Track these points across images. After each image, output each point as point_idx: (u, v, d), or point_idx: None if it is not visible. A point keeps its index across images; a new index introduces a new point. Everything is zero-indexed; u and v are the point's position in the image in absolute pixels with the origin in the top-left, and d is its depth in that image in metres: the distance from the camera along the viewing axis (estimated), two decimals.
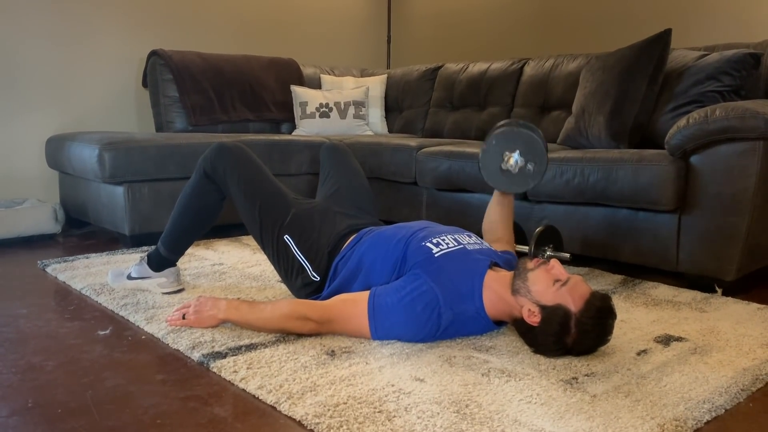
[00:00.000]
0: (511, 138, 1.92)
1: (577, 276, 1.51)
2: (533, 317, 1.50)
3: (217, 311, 1.68)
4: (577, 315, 1.45)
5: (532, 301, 1.50)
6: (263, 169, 1.95)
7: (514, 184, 1.95)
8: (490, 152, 1.95)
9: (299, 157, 3.23)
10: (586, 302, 1.45)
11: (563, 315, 1.45)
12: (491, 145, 1.94)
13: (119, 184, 2.74)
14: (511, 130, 1.91)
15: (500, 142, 1.93)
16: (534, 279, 1.52)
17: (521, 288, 1.53)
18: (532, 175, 1.92)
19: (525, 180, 1.93)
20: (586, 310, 1.44)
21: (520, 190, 1.97)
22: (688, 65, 2.49)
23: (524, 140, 1.91)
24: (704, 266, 2.12)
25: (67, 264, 2.44)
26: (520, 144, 1.91)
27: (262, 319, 1.63)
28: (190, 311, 1.70)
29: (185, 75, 3.50)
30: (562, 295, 1.46)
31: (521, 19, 4.00)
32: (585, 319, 1.44)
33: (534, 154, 1.91)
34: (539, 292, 1.50)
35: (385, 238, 1.72)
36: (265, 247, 1.88)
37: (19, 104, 3.30)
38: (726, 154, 2.04)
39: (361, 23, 4.72)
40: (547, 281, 1.50)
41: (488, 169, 1.96)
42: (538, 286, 1.50)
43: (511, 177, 1.94)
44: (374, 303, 1.56)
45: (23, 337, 1.70)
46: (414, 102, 3.92)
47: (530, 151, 1.91)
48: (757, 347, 1.60)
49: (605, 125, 2.52)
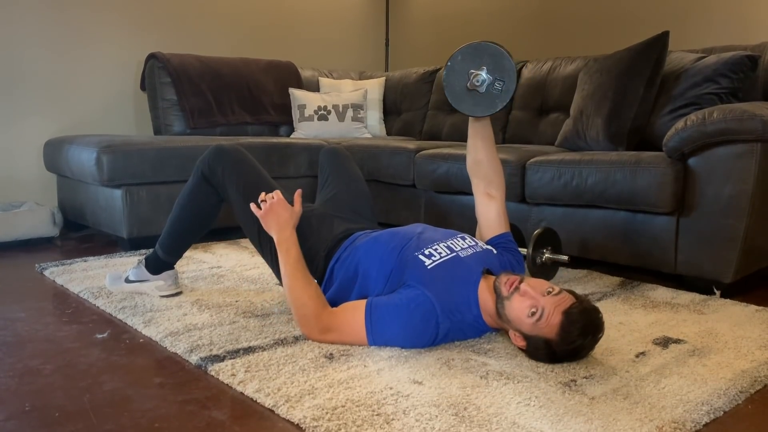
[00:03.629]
0: (477, 53, 1.74)
1: (551, 298, 1.46)
2: (519, 341, 1.52)
3: (279, 231, 1.69)
4: (557, 340, 1.45)
5: (514, 328, 1.52)
6: (261, 171, 1.95)
7: (480, 106, 1.76)
8: (455, 69, 1.76)
9: (297, 160, 3.23)
10: (561, 329, 1.43)
11: (544, 343, 1.47)
12: (456, 61, 1.76)
13: (117, 187, 2.74)
14: (478, 45, 1.74)
15: (466, 58, 1.75)
16: (510, 308, 1.50)
17: (502, 314, 1.53)
18: (500, 95, 1.73)
19: (492, 101, 1.74)
20: (563, 338, 1.44)
21: (487, 112, 1.77)
22: (685, 67, 2.49)
23: (491, 55, 1.73)
24: (702, 268, 2.12)
25: (65, 267, 2.44)
26: (486, 59, 1.73)
27: (290, 280, 1.63)
28: (269, 205, 1.71)
29: (183, 78, 3.50)
30: (539, 328, 1.46)
31: (519, 21, 4.00)
32: (565, 345, 1.45)
33: (502, 71, 1.72)
34: (517, 321, 1.49)
35: (379, 245, 1.72)
36: (263, 250, 1.88)
37: (18, 107, 3.30)
38: (724, 156, 2.04)
39: (360, 26, 4.72)
40: (522, 312, 1.47)
41: (452, 89, 1.77)
42: (515, 314, 1.49)
43: (478, 98, 1.75)
44: (371, 315, 1.56)
45: (21, 340, 1.70)
46: (412, 105, 3.93)
47: (498, 68, 1.73)
48: (755, 349, 1.60)
49: (603, 127, 2.52)
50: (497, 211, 1.85)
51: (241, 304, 1.97)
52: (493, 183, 1.87)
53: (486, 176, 1.87)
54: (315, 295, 1.62)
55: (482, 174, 1.88)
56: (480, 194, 1.88)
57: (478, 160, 1.88)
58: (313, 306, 1.60)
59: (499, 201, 1.87)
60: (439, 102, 3.78)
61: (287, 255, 1.67)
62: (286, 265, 1.66)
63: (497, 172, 1.88)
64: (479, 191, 1.89)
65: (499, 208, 1.86)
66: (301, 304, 1.61)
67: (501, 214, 1.86)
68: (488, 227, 1.86)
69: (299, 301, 1.61)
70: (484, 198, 1.87)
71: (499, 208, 1.86)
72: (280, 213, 1.71)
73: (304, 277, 1.64)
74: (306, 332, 1.62)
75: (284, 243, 1.68)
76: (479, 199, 1.89)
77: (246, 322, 1.78)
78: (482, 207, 1.88)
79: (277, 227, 1.70)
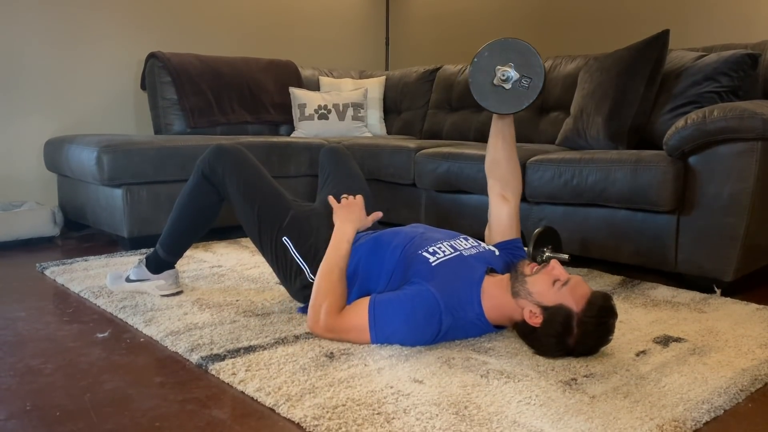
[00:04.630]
0: (505, 49, 1.72)
1: (577, 276, 1.51)
2: (535, 318, 1.50)
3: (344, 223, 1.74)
4: (579, 315, 1.44)
5: (533, 302, 1.50)
6: (261, 171, 1.95)
7: (505, 103, 1.74)
8: (481, 65, 1.74)
9: (298, 159, 3.23)
10: (587, 302, 1.45)
11: (565, 315, 1.45)
12: (483, 57, 1.73)
13: (118, 186, 2.74)
14: (505, 41, 1.72)
15: (493, 54, 1.72)
16: (533, 281, 1.52)
17: (521, 291, 1.52)
18: (527, 92, 1.70)
19: (518, 99, 1.71)
20: (588, 309, 1.44)
21: (512, 110, 1.75)
22: (686, 66, 2.49)
23: (519, 52, 1.71)
24: (703, 267, 2.12)
25: (65, 267, 2.44)
26: (514, 56, 1.71)
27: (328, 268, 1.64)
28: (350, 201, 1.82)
29: (184, 77, 3.50)
30: (563, 295, 1.46)
31: (519, 20, 4.00)
32: (587, 319, 1.44)
33: (530, 69, 1.70)
34: (540, 293, 1.49)
35: (381, 244, 1.72)
36: (264, 249, 1.88)
37: (18, 107, 3.30)
38: (724, 154, 2.04)
39: (360, 25, 4.72)
40: (547, 282, 1.49)
41: (478, 85, 1.75)
42: (538, 287, 1.50)
43: (504, 95, 1.72)
44: (375, 311, 1.56)
45: (21, 339, 1.70)
46: (413, 103, 3.93)
47: (525, 65, 1.70)
48: (756, 347, 1.60)
49: (603, 126, 2.52)
50: (510, 215, 1.83)
51: (242, 303, 1.97)
52: (510, 185, 1.84)
53: (503, 177, 1.84)
54: (339, 294, 1.62)
55: (499, 175, 1.85)
56: (494, 195, 1.85)
57: (496, 160, 1.86)
58: (331, 303, 1.60)
59: (513, 205, 1.83)
60: (440, 101, 3.78)
61: (339, 246, 1.68)
62: (331, 256, 1.67)
63: (515, 174, 1.85)
64: (494, 192, 1.85)
65: (512, 212, 1.83)
66: (323, 295, 1.61)
67: (513, 219, 1.83)
68: (499, 230, 1.83)
69: (324, 293, 1.61)
70: (498, 200, 1.85)
71: (512, 212, 1.83)
72: (354, 210, 1.77)
73: (340, 274, 1.64)
74: (311, 324, 1.62)
75: (342, 235, 1.70)
76: (493, 201, 1.86)
77: (246, 322, 1.78)
78: (495, 209, 1.85)
79: (345, 219, 1.74)
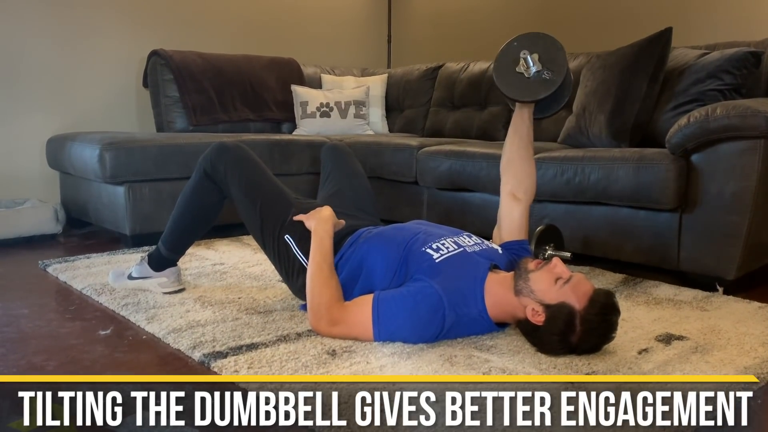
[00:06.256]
0: (533, 41, 1.77)
1: (579, 274, 1.51)
2: (537, 316, 1.49)
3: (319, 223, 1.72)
4: (582, 312, 1.44)
5: (536, 300, 1.50)
6: (264, 168, 1.95)
7: (523, 90, 1.77)
8: (508, 53, 1.79)
9: (300, 157, 3.23)
10: (590, 299, 1.45)
11: (568, 313, 1.45)
12: (512, 46, 1.78)
13: (120, 184, 2.74)
14: (536, 34, 1.78)
15: (522, 44, 1.77)
16: (536, 278, 1.51)
17: (524, 288, 1.52)
18: (546, 83, 1.73)
19: (536, 89, 1.75)
20: (590, 307, 1.44)
21: (527, 98, 1.78)
22: (689, 64, 2.49)
23: (546, 45, 1.76)
24: (705, 265, 2.12)
25: (68, 264, 2.45)
26: (540, 47, 1.75)
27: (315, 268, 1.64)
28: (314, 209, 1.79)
29: (186, 75, 3.50)
30: (566, 292, 1.46)
31: (522, 17, 3.99)
32: (590, 316, 1.44)
33: (553, 62, 1.74)
34: (542, 291, 1.49)
35: (385, 240, 1.72)
36: (266, 246, 1.88)
37: (20, 104, 3.30)
38: (727, 152, 2.03)
39: (362, 23, 4.72)
40: (550, 280, 1.49)
41: (501, 71, 1.79)
42: (540, 285, 1.50)
43: (525, 83, 1.75)
44: (378, 307, 1.56)
45: (24, 337, 1.70)
46: (415, 101, 3.92)
47: (550, 58, 1.74)
48: (758, 346, 1.60)
49: (606, 124, 2.52)
50: (519, 215, 1.81)
51: (244, 300, 1.97)
52: (522, 185, 1.83)
53: (516, 176, 1.83)
54: (335, 287, 1.63)
55: (512, 173, 1.84)
56: (505, 193, 1.84)
57: (511, 159, 1.86)
58: (329, 297, 1.61)
59: (523, 205, 1.82)
60: (442, 99, 3.77)
61: (320, 244, 1.68)
62: (315, 254, 1.67)
63: (528, 174, 1.84)
64: (505, 191, 1.84)
65: (522, 212, 1.81)
66: (318, 293, 1.61)
67: (522, 219, 1.82)
68: (507, 230, 1.82)
69: (318, 290, 1.62)
70: (508, 198, 1.83)
71: (522, 212, 1.81)
72: (322, 210, 1.76)
73: (330, 269, 1.65)
74: (314, 323, 1.62)
75: (321, 233, 1.70)
76: (504, 199, 1.85)
77: (249, 319, 1.78)
78: (505, 208, 1.84)
79: (319, 220, 1.73)
